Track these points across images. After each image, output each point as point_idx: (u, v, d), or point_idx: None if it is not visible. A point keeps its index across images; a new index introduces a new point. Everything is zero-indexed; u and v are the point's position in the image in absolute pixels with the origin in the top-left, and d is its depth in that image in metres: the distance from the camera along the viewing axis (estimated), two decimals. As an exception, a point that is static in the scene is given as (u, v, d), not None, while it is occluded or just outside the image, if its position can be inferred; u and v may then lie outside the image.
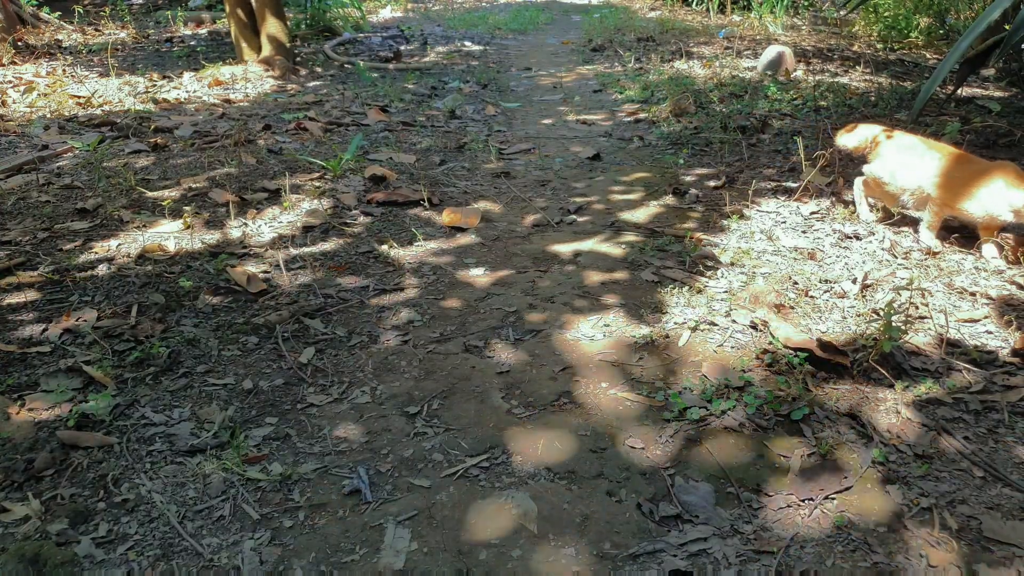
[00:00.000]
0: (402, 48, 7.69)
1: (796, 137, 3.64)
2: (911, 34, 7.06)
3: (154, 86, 5.70)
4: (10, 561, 1.44)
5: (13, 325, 2.28)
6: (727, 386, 1.98)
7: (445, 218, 3.14)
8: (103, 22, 8.81)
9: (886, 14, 7.24)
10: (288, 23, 6.69)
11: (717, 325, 2.28)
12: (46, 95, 5.27)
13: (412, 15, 10.69)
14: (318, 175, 3.65)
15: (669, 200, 3.39)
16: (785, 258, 2.73)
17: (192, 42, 7.81)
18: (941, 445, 1.76)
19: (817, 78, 5.56)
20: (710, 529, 1.53)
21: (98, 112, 4.88)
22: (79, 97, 5.22)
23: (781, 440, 1.79)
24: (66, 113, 4.84)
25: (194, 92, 5.54)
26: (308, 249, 2.88)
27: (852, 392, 1.95)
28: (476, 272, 2.70)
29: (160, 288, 2.52)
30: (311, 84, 5.96)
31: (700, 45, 7.31)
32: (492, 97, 5.67)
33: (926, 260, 2.69)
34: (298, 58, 6.74)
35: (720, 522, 1.55)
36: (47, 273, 2.60)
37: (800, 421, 1.84)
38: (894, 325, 2.01)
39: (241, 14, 6.35)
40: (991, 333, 2.23)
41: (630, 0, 11.62)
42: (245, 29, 6.41)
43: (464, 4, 12.16)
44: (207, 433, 1.82)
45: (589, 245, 2.92)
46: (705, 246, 2.83)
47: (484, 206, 3.34)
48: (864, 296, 2.43)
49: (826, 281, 2.54)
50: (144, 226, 3.02)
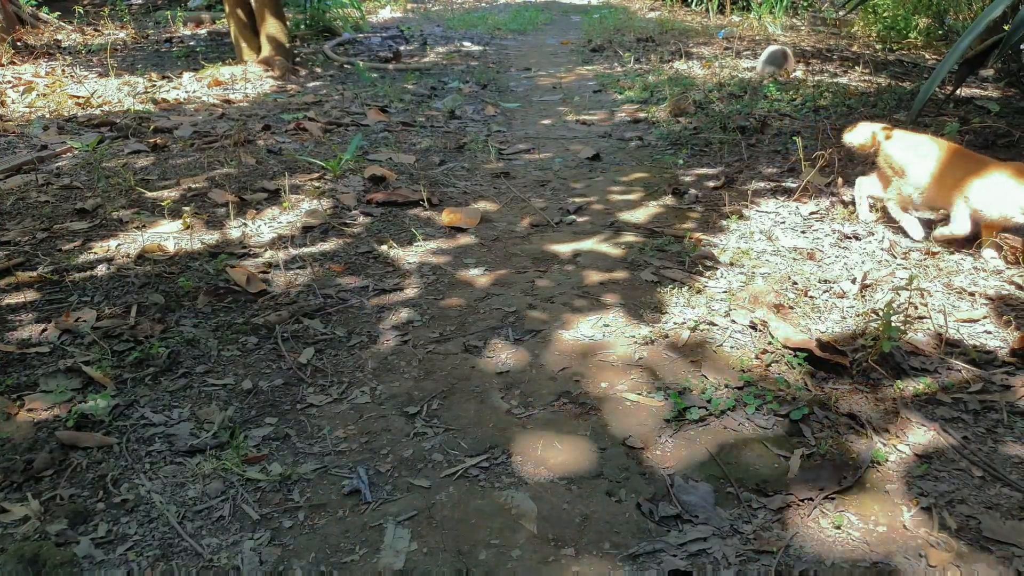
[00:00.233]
0: (402, 48, 7.69)
1: (795, 137, 3.64)
2: (910, 34, 7.07)
3: (153, 86, 5.70)
4: (9, 561, 1.44)
5: (12, 325, 2.28)
6: (726, 386, 1.98)
7: (445, 218, 3.14)
8: (102, 22, 8.81)
9: (885, 14, 7.24)
10: (288, 23, 6.69)
11: (716, 325, 2.28)
12: (45, 95, 5.27)
13: (412, 15, 10.69)
14: (318, 175, 3.65)
15: (668, 200, 3.39)
16: (784, 258, 2.74)
17: (191, 42, 7.81)
18: (940, 445, 1.76)
19: (816, 78, 5.57)
20: (710, 529, 1.53)
21: (97, 112, 4.88)
22: (78, 97, 5.21)
23: (781, 440, 1.79)
24: (65, 113, 4.83)
25: (193, 92, 5.54)
26: (308, 249, 2.88)
27: (851, 392, 1.95)
28: (476, 272, 2.71)
29: (159, 288, 2.52)
30: (311, 84, 5.96)
31: (699, 45, 7.31)
32: (491, 97, 5.67)
33: (925, 260, 2.69)
34: (298, 58, 6.74)
35: (720, 522, 1.55)
36: (46, 273, 2.60)
37: (800, 421, 1.84)
38: (893, 325, 2.01)
39: (241, 14, 6.35)
40: (990, 333, 2.23)
41: (629, 0, 11.63)
42: (245, 29, 6.41)
43: (464, 4, 12.16)
44: (207, 433, 1.82)
45: (589, 245, 2.92)
46: (704, 246, 2.83)
47: (484, 206, 3.35)
48: (863, 296, 2.43)
49: (825, 281, 2.54)
50: (143, 226, 3.02)
